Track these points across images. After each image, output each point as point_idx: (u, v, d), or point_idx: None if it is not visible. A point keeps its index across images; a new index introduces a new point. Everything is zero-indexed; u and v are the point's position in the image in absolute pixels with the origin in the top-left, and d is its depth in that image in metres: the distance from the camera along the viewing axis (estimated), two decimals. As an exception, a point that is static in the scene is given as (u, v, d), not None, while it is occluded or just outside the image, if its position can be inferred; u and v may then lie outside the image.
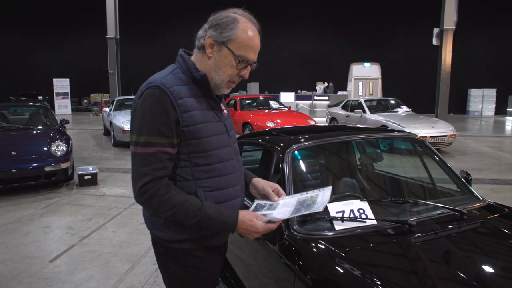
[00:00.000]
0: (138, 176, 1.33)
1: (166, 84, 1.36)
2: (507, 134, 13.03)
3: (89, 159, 8.30)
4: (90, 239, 4.05)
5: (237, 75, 1.44)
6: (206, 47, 1.41)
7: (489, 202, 2.25)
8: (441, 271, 1.60)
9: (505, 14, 19.63)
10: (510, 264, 1.67)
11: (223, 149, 1.47)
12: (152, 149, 1.33)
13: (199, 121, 1.39)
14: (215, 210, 1.38)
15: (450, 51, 14.03)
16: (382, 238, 1.81)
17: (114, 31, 15.37)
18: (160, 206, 1.34)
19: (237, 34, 1.37)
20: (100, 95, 20.68)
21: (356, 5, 20.17)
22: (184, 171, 1.40)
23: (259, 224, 1.39)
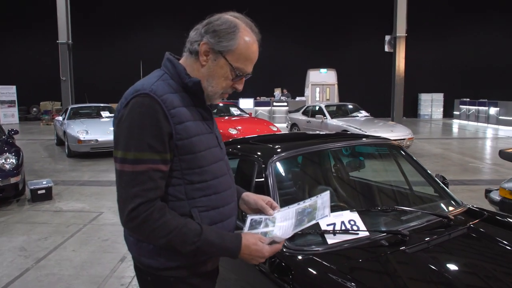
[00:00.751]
0: (127, 198, 1.16)
1: (157, 91, 1.20)
2: (454, 136, 13.80)
3: (41, 172, 7.76)
4: (47, 261, 3.71)
5: (231, 87, 1.32)
6: (200, 53, 1.27)
7: (469, 206, 2.28)
8: (442, 281, 1.56)
9: (451, 23, 20.89)
10: (505, 268, 1.68)
11: (217, 163, 1.33)
12: (142, 166, 1.16)
13: (194, 133, 1.25)
14: (217, 235, 1.23)
15: (403, 58, 14.69)
16: (377, 250, 1.76)
17: (66, 36, 14.62)
18: (154, 232, 1.17)
19: (237, 45, 1.25)
20: (51, 103, 19.58)
21: (312, 12, 20.64)
22: (176, 189, 1.25)
23: (265, 248, 1.26)
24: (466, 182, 6.47)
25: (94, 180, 7.04)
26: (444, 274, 1.60)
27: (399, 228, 1.90)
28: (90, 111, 10.77)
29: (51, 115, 18.24)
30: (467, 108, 18.37)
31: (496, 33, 21.08)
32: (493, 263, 1.73)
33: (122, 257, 3.77)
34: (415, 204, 2.42)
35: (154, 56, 19.87)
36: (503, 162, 7.92)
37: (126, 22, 20.67)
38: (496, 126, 15.78)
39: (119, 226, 4.59)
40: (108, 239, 4.24)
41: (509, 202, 3.68)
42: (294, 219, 1.36)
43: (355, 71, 20.93)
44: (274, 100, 18.38)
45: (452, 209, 2.22)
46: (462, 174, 7.10)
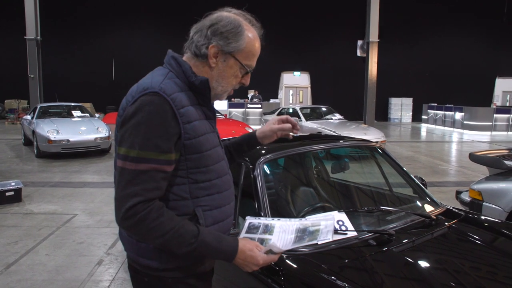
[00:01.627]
0: (126, 196, 1.14)
1: (166, 90, 1.19)
2: (423, 140, 14.28)
3: (8, 173, 7.42)
4: (18, 266, 3.55)
5: (238, 83, 1.36)
6: (210, 56, 1.27)
7: (448, 207, 2.37)
8: (428, 277, 1.62)
9: (421, 29, 21.60)
10: (486, 264, 1.77)
11: (220, 163, 1.34)
12: (145, 165, 1.15)
13: (201, 132, 1.25)
14: (214, 237, 1.23)
15: (375, 62, 15.09)
16: (366, 249, 1.81)
17: (35, 32, 14.07)
18: (150, 232, 1.16)
19: (246, 44, 1.28)
20: (16, 101, 18.79)
21: (286, 15, 20.84)
22: (181, 189, 1.24)
23: (260, 256, 1.25)
24: (436, 183, 6.72)
25: (66, 181, 6.80)
26: (430, 271, 1.67)
27: (385, 228, 1.96)
28: (61, 110, 10.40)
29: (17, 114, 17.53)
30: (435, 112, 19.04)
31: (463, 40, 22.00)
32: (472, 260, 1.82)
33: (99, 260, 3.68)
34: (395, 204, 2.49)
35: (126, 55, 19.50)
36: (469, 165, 8.29)
37: (98, 20, 20.14)
38: (461, 130, 16.44)
39: (94, 228, 4.50)
40: (83, 242, 4.12)
41: (478, 202, 3.85)
42: (294, 235, 1.34)
43: (327, 74, 21.29)
44: (248, 102, 18.42)
45: (432, 209, 2.31)
46: (432, 176, 7.36)
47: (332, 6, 20.87)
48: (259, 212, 2.01)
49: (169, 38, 16.70)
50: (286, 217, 2.20)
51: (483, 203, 3.78)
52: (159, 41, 18.95)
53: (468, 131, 15.99)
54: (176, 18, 18.47)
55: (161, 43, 19.18)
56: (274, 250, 1.26)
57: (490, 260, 1.82)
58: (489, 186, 3.81)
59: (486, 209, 3.70)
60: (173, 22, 18.43)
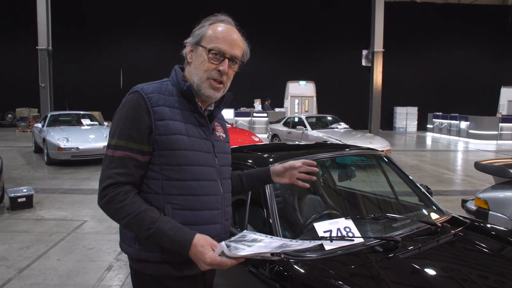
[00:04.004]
0: (103, 178, 1.30)
1: (145, 90, 1.35)
2: (428, 149, 14.25)
3: (19, 180, 7.54)
4: (31, 270, 3.62)
5: (214, 69, 1.36)
6: (187, 54, 1.42)
7: (453, 215, 2.41)
8: (434, 284, 1.66)
9: (426, 39, 21.70)
10: (492, 273, 1.79)
11: (202, 167, 1.38)
12: (119, 152, 1.29)
13: (174, 131, 1.33)
14: (171, 227, 1.26)
15: (380, 72, 15.15)
16: (373, 255, 1.84)
17: (46, 42, 14.31)
18: (116, 212, 1.27)
19: (207, 29, 1.38)
20: (27, 109, 19.05)
21: (292, 25, 20.99)
22: (154, 183, 1.33)
23: (208, 254, 1.22)
24: (441, 192, 6.74)
25: (76, 188, 6.90)
26: (436, 278, 1.69)
27: (391, 234, 2.01)
28: (70, 119, 10.56)
29: (27, 122, 17.75)
30: (440, 121, 19.01)
31: (468, 49, 22.02)
32: (479, 267, 1.84)
33: (108, 266, 3.74)
34: (401, 212, 2.53)
35: (134, 64, 19.70)
36: (475, 174, 8.28)
37: (107, 30, 20.43)
38: (466, 139, 16.39)
39: (104, 234, 4.57)
40: (93, 248, 4.19)
41: (484, 211, 3.87)
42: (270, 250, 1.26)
43: (333, 84, 21.36)
44: (254, 111, 18.53)
45: (438, 217, 2.35)
46: (437, 185, 7.37)
47: (337, 16, 21.03)
48: (268, 219, 2.05)
49: (177, 48, 16.83)
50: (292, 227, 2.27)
51: (489, 211, 3.80)
52: (167, 51, 19.16)
53: (474, 140, 15.94)
54: (183, 28, 18.62)
55: (169, 53, 19.41)
56: (226, 253, 1.21)
57: (496, 268, 1.83)
58: (495, 195, 3.83)
59: (492, 218, 3.72)
60: (180, 33, 18.55)
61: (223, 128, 1.60)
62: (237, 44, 1.39)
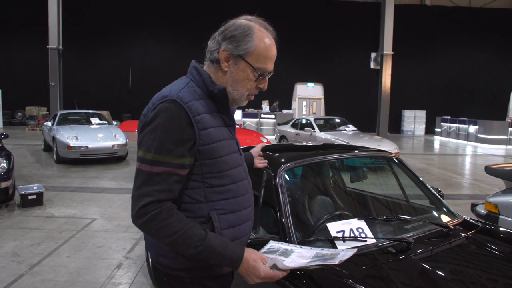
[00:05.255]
0: (139, 196, 1.22)
1: (183, 98, 1.26)
2: (436, 152, 14.16)
3: (29, 177, 7.62)
4: (41, 267, 3.66)
5: (255, 87, 1.37)
6: (221, 61, 1.32)
7: (465, 218, 2.41)
8: (448, 285, 1.66)
9: (435, 43, 21.53)
10: (503, 276, 1.78)
11: (236, 168, 1.38)
12: (159, 168, 1.22)
13: (216, 139, 1.30)
14: (220, 243, 1.25)
15: (389, 75, 15.11)
16: (385, 256, 1.85)
17: (57, 42, 14.48)
18: (160, 231, 1.21)
19: (255, 46, 1.29)
20: (36, 108, 19.22)
21: (300, 27, 21.01)
22: (196, 192, 1.30)
23: (262, 268, 1.25)
24: (450, 196, 6.68)
25: (85, 186, 6.96)
26: (448, 281, 1.69)
27: (403, 236, 2.01)
28: (80, 118, 10.65)
29: (37, 121, 17.90)
30: (448, 125, 18.87)
31: (477, 54, 21.84)
32: (491, 271, 1.84)
33: (118, 264, 3.77)
34: (412, 214, 2.53)
35: (143, 64, 19.80)
36: (484, 178, 8.22)
37: (117, 30, 20.59)
38: (475, 144, 16.25)
39: (113, 233, 4.60)
40: (102, 246, 4.22)
41: (494, 215, 3.85)
42: (309, 260, 1.33)
43: (341, 86, 21.30)
44: (262, 112, 18.54)
45: (449, 219, 2.34)
46: (446, 189, 7.31)
47: (347, 18, 20.99)
48: (280, 219, 2.07)
49: (185, 48, 16.98)
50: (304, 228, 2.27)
51: (499, 216, 3.78)
52: (175, 51, 19.29)
53: (482, 145, 15.80)
54: (192, 28, 18.78)
55: (177, 53, 19.50)
56: (278, 265, 1.25)
57: (508, 272, 1.83)
58: (506, 199, 3.81)
59: (503, 222, 3.70)
60: (189, 32, 18.76)
61: None
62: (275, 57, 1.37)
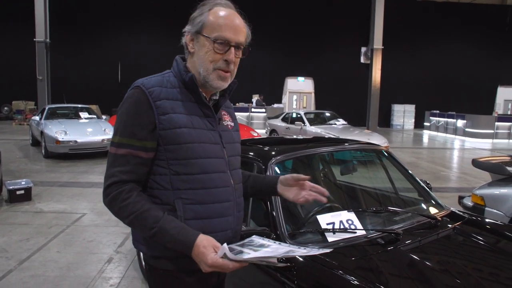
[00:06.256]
0: (106, 176, 1.29)
1: (146, 84, 1.30)
2: (425, 146, 14.33)
3: (17, 172, 7.52)
4: (31, 262, 3.63)
5: (220, 59, 1.31)
6: (187, 44, 1.35)
7: (452, 210, 2.45)
8: (435, 275, 1.70)
9: (424, 37, 21.75)
10: (489, 266, 1.83)
11: (210, 159, 1.33)
12: (122, 150, 1.27)
13: (179, 125, 1.29)
14: (174, 226, 1.23)
15: (379, 69, 15.19)
16: (374, 247, 1.88)
17: (44, 34, 14.22)
18: (120, 211, 1.26)
19: (208, 17, 1.30)
20: (24, 102, 18.93)
21: (291, 21, 20.98)
22: (162, 179, 1.30)
23: (210, 256, 1.19)
24: (438, 189, 6.78)
25: (74, 181, 6.90)
26: (435, 271, 1.73)
27: (392, 227, 2.04)
28: (68, 112, 10.52)
29: (24, 115, 17.67)
30: (437, 119, 19.08)
31: (466, 48, 22.10)
32: (476, 261, 1.88)
33: (109, 258, 3.76)
34: (401, 207, 2.56)
35: (133, 58, 19.57)
36: (471, 171, 8.36)
37: (105, 23, 20.32)
38: (463, 138, 16.48)
39: (103, 227, 4.59)
40: (93, 240, 4.21)
41: (481, 207, 3.93)
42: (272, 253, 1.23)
43: (331, 80, 21.38)
44: (252, 106, 18.52)
45: (437, 211, 2.39)
46: (434, 182, 7.42)
47: (337, 13, 21.01)
48: (271, 212, 2.08)
49: (175, 41, 16.80)
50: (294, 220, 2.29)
51: (485, 208, 3.85)
52: (165, 44, 19.03)
53: (470, 139, 16.03)
54: (181, 22, 18.57)
55: (167, 47, 19.26)
56: (228, 255, 1.17)
57: (493, 262, 1.87)
58: (492, 191, 3.89)
59: (488, 214, 3.77)
60: (179, 26, 18.53)
61: (231, 116, 1.53)
62: (240, 29, 1.33)
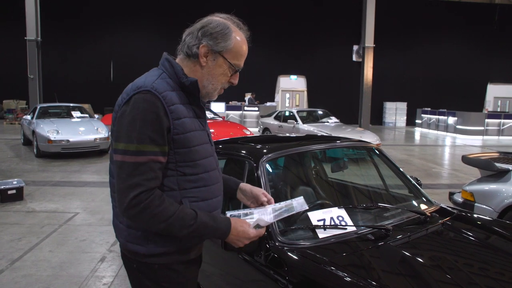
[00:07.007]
0: (129, 187, 1.25)
1: (158, 89, 1.30)
2: (417, 143, 14.46)
3: (9, 172, 7.47)
4: (23, 262, 3.62)
5: (227, 82, 1.46)
6: (200, 55, 1.38)
7: (441, 205, 2.49)
8: (424, 269, 1.72)
9: (415, 36, 21.89)
10: (477, 260, 1.86)
11: (207, 158, 1.44)
12: (143, 158, 1.26)
13: (189, 129, 1.35)
14: (209, 217, 1.34)
15: (371, 67, 15.28)
16: (364, 243, 1.90)
17: (35, 33, 14.07)
18: (154, 218, 1.26)
19: (233, 44, 1.39)
20: (15, 101, 18.73)
21: (283, 20, 20.98)
22: (170, 180, 1.34)
23: (250, 230, 1.40)
24: (429, 185, 6.86)
25: (66, 180, 6.86)
26: (424, 266, 1.76)
27: (382, 223, 2.07)
28: (60, 111, 10.43)
29: (15, 114, 17.49)
30: (428, 117, 19.25)
31: (457, 46, 22.30)
32: (465, 256, 1.91)
33: (102, 257, 3.76)
34: (392, 203, 2.59)
35: (125, 57, 19.44)
36: (461, 168, 8.46)
37: (97, 22, 20.14)
38: (454, 135, 16.65)
39: (96, 226, 4.58)
40: (85, 240, 4.20)
41: (470, 203, 3.99)
42: (272, 214, 1.51)
43: (324, 78, 21.44)
44: (245, 105, 18.53)
45: (427, 207, 2.42)
46: (426, 178, 7.50)
47: (329, 11, 21.07)
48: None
49: (167, 40, 16.76)
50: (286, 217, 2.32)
51: (475, 203, 3.91)
52: (157, 43, 19.01)
53: (461, 136, 16.21)
54: (173, 20, 18.52)
55: (159, 45, 19.18)
56: (261, 223, 1.42)
57: (481, 256, 1.90)
58: (481, 187, 3.95)
59: (478, 209, 3.83)
60: (170, 25, 18.49)
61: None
62: None
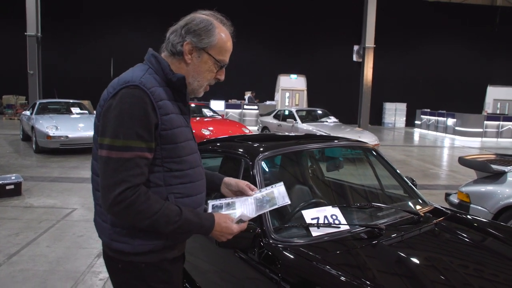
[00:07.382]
0: (114, 183, 1.22)
1: (146, 84, 1.29)
2: (415, 144, 14.48)
3: (7, 167, 7.48)
4: (20, 257, 3.64)
5: (214, 78, 1.45)
6: (185, 53, 1.38)
7: (435, 206, 2.51)
8: (416, 268, 1.75)
9: (416, 36, 21.89)
10: (469, 261, 1.88)
11: (193, 155, 1.44)
12: (129, 154, 1.24)
13: (176, 125, 1.35)
14: (193, 214, 1.34)
15: (371, 67, 15.30)
16: (357, 242, 1.92)
17: (35, 28, 14.06)
18: (139, 215, 1.25)
19: (217, 40, 1.38)
20: (14, 97, 18.71)
21: (284, 19, 20.95)
22: (156, 176, 1.33)
23: (233, 226, 1.40)
24: (426, 186, 6.89)
25: (65, 176, 6.88)
26: (416, 265, 1.78)
27: (375, 222, 2.09)
28: (60, 107, 10.44)
29: (15, 110, 17.48)
30: (428, 118, 19.27)
31: (457, 48, 22.30)
32: (458, 256, 1.93)
33: (99, 253, 3.77)
34: (386, 203, 2.61)
35: (125, 54, 19.42)
36: (459, 169, 8.48)
37: (98, 18, 20.11)
38: (453, 136, 16.67)
39: (93, 222, 4.57)
40: (83, 235, 4.22)
41: (466, 204, 4.01)
42: (254, 205, 1.52)
43: (324, 78, 21.44)
44: (245, 103, 18.52)
45: (421, 207, 2.44)
46: (423, 179, 7.53)
47: (330, 11, 21.06)
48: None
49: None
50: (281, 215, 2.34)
51: (470, 205, 3.94)
52: (158, 41, 18.98)
53: (460, 137, 16.23)
54: (174, 17, 18.46)
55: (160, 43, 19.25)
56: (243, 218, 1.43)
57: (474, 257, 1.91)
58: (477, 189, 3.97)
59: (473, 210, 3.86)
60: (171, 22, 18.51)
61: None
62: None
